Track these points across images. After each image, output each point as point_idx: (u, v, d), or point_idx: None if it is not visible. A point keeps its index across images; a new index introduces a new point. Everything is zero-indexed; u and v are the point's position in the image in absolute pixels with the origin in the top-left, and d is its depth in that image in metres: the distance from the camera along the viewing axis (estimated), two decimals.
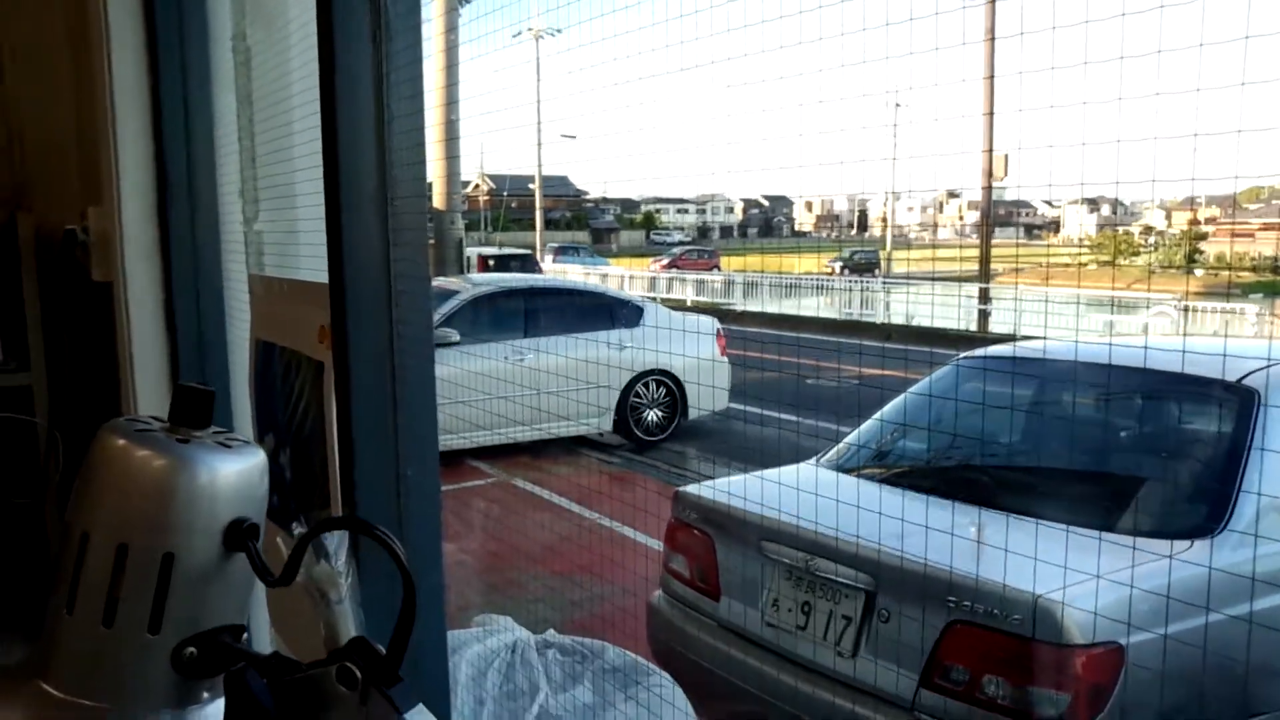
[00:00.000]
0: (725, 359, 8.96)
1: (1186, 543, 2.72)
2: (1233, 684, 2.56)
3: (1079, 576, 2.47)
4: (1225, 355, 3.16)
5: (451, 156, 9.10)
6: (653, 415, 8.91)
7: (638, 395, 8.79)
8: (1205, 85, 1.40)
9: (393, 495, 1.21)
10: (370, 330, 1.18)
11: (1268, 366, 3.11)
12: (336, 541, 0.87)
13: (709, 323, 9.58)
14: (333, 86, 1.15)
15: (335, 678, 0.68)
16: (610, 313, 8.90)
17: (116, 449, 0.71)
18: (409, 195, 1.17)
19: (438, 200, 11.76)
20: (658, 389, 8.90)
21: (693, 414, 8.98)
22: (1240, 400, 3.03)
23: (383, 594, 1.27)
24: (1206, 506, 2.88)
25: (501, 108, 2.32)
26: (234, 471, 0.72)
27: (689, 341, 8.60)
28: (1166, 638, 2.43)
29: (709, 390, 8.38)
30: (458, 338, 7.93)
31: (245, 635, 0.75)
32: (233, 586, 0.74)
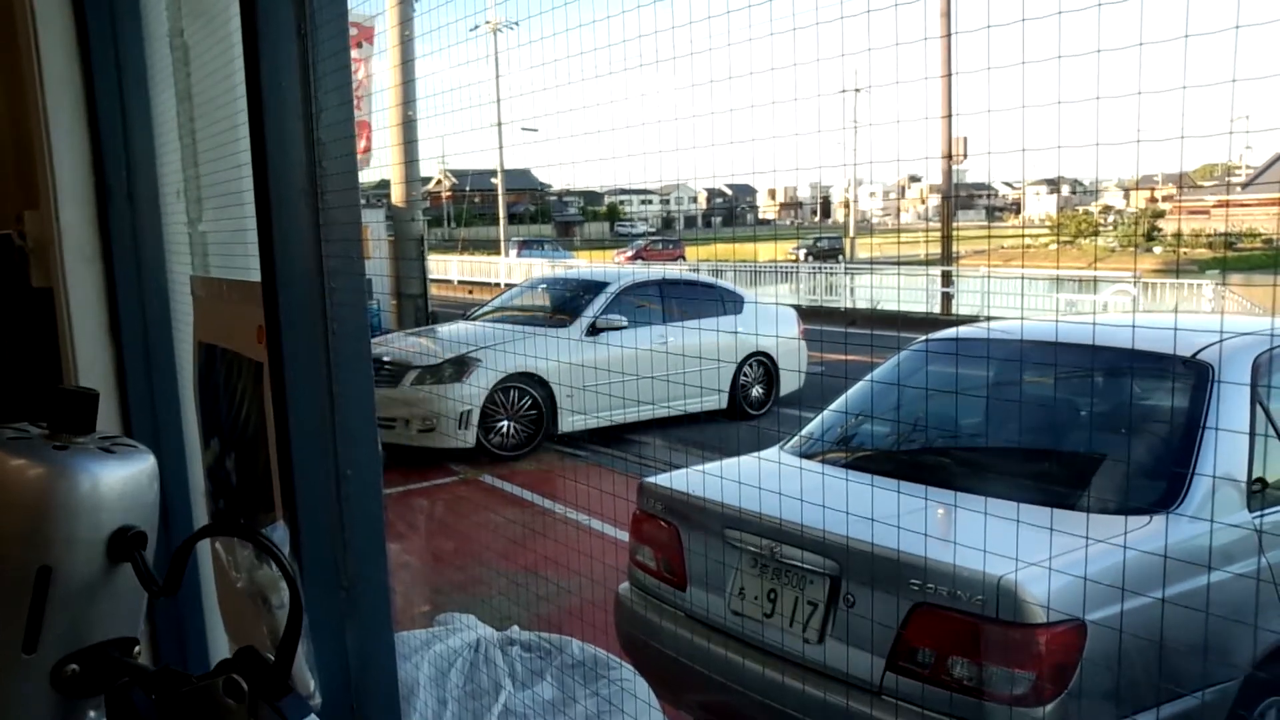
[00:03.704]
0: (804, 341, 10.23)
1: (1145, 518, 2.75)
2: (1192, 655, 2.58)
3: (1040, 556, 2.48)
4: (1176, 330, 3.19)
5: (409, 145, 9.13)
6: (756, 391, 10.02)
7: (745, 374, 9.90)
8: (1149, 38, 1.39)
9: (333, 496, 1.18)
10: (303, 328, 1.15)
11: (1221, 340, 3.14)
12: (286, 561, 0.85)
13: (789, 310, 11.25)
14: (258, 80, 1.12)
15: (222, 690, 0.65)
16: (721, 301, 9.96)
17: None
18: (340, 189, 1.15)
19: (396, 197, 11.67)
20: (759, 369, 10.05)
21: (782, 390, 10.16)
22: (1195, 375, 3.06)
23: (324, 602, 1.25)
24: (1164, 482, 2.90)
25: (461, 103, 2.28)
26: (118, 478, 0.69)
27: (781, 327, 10.14)
28: (1127, 613, 2.45)
29: (794, 369, 9.84)
30: (625, 323, 8.93)
31: (137, 648, 0.71)
32: (120, 598, 0.70)
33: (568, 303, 9.63)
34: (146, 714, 0.65)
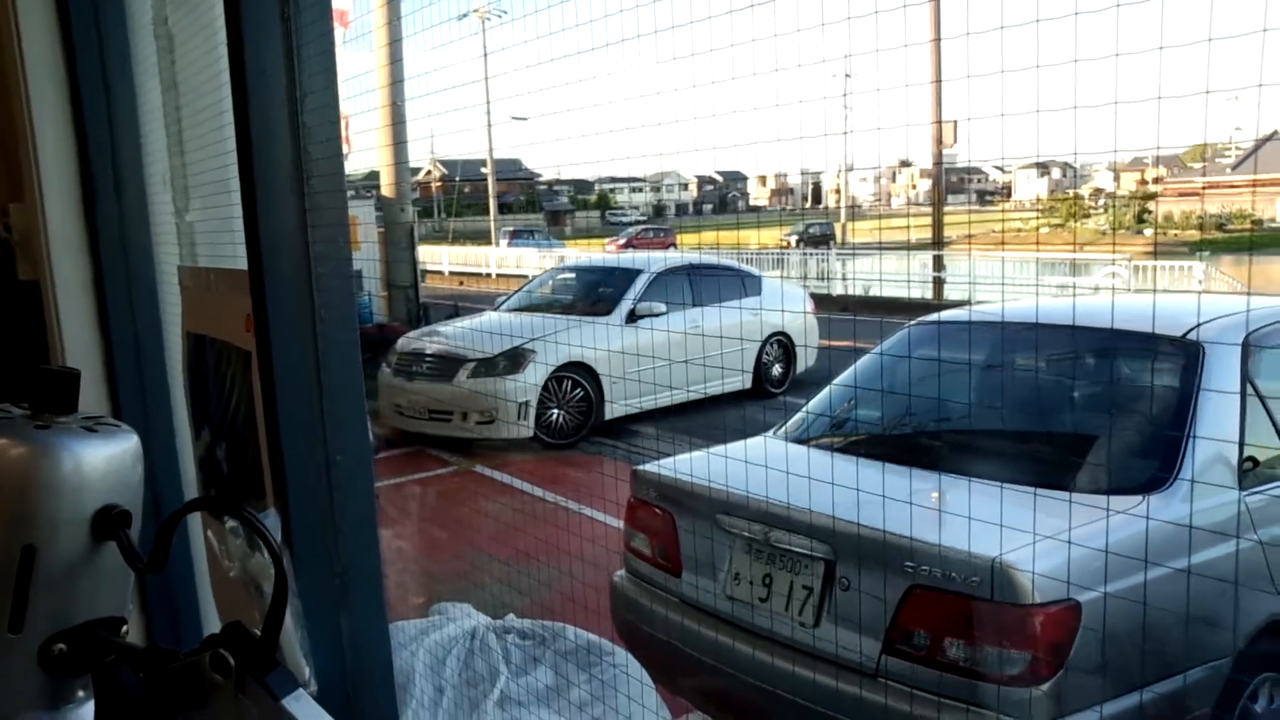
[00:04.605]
0: (816, 320, 10.59)
1: (1138, 498, 2.75)
2: (1186, 632, 2.59)
3: (1034, 536, 2.49)
4: (1160, 311, 3.19)
5: (399, 142, 9.10)
6: (776, 370, 10.28)
7: (766, 353, 10.09)
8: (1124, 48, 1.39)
9: (323, 483, 1.18)
10: (291, 316, 1.14)
11: (1211, 320, 3.14)
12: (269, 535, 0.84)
13: (800, 290, 11.87)
14: (242, 64, 1.11)
15: (209, 666, 0.65)
16: (742, 284, 10.15)
17: None
18: (326, 174, 1.14)
19: (386, 188, 11.63)
20: (777, 348, 10.24)
21: (799, 368, 10.43)
22: (1186, 355, 3.06)
23: (317, 588, 1.25)
24: (1156, 461, 2.91)
25: (450, 92, 2.27)
26: (101, 457, 0.69)
27: (797, 306, 10.54)
28: (1118, 593, 2.46)
29: (808, 347, 10.20)
30: (664, 309, 9.00)
31: (124, 628, 0.71)
32: (106, 577, 0.70)
33: (604, 291, 9.75)
34: (134, 691, 0.65)
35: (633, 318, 9.04)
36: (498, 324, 9.58)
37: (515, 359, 8.50)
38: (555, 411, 8.48)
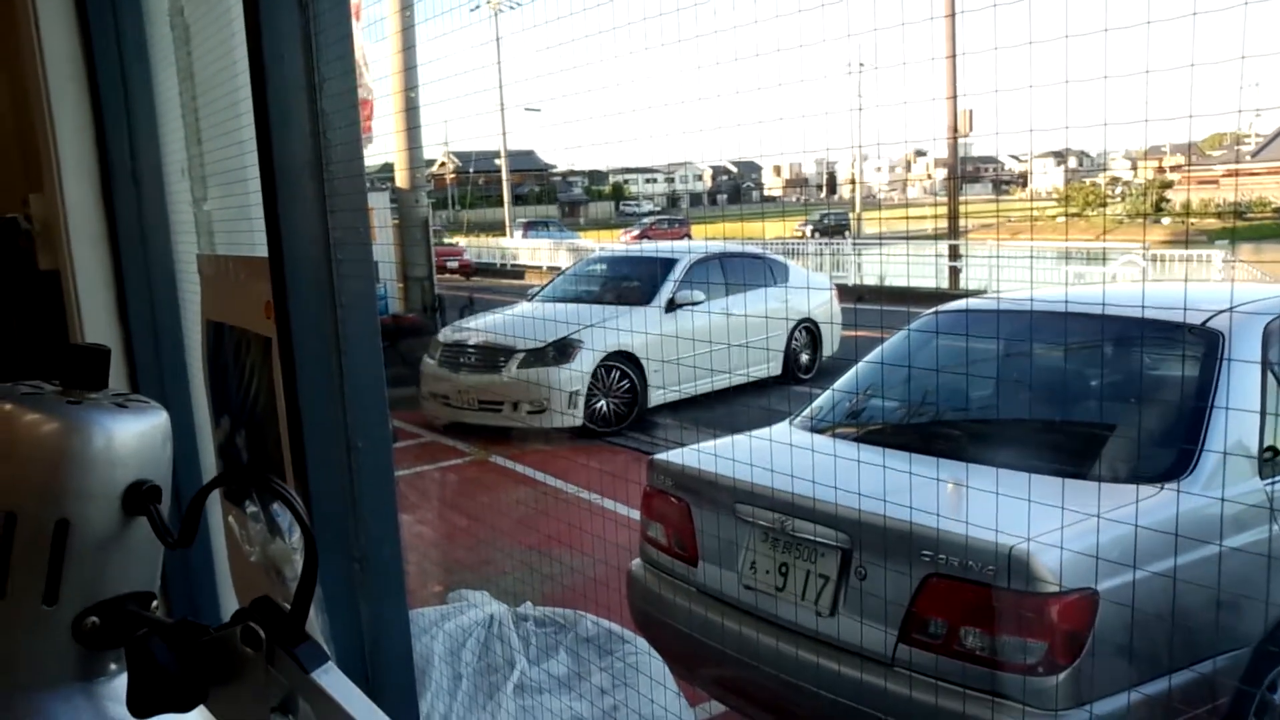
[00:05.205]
0: (839, 307, 10.73)
1: (1156, 487, 2.74)
2: (1203, 623, 2.58)
3: (1051, 525, 2.47)
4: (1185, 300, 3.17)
5: (413, 128, 9.11)
6: (804, 356, 10.32)
7: (794, 340, 10.15)
8: (1155, 18, 1.37)
9: (344, 468, 1.18)
10: (312, 302, 1.15)
11: (1231, 309, 3.12)
12: (290, 520, 0.85)
13: (824, 277, 12.04)
14: (260, 52, 1.11)
15: (240, 639, 0.66)
16: (770, 271, 10.20)
17: (2, 414, 0.68)
18: (344, 160, 1.14)
19: (400, 179, 11.65)
20: (805, 335, 10.32)
21: (824, 354, 10.50)
22: (1206, 343, 3.04)
23: (337, 574, 1.26)
24: (1175, 450, 2.89)
25: (463, 83, 2.26)
26: (132, 433, 0.69)
27: (823, 293, 10.80)
28: (1138, 581, 2.44)
29: (834, 324, 10.25)
30: (702, 297, 9.03)
31: (155, 603, 0.72)
32: (136, 552, 0.71)
33: (641, 281, 9.80)
34: (167, 664, 0.66)
35: (672, 306, 9.07)
36: (540, 314, 9.64)
37: (564, 349, 8.56)
38: (602, 400, 8.54)
